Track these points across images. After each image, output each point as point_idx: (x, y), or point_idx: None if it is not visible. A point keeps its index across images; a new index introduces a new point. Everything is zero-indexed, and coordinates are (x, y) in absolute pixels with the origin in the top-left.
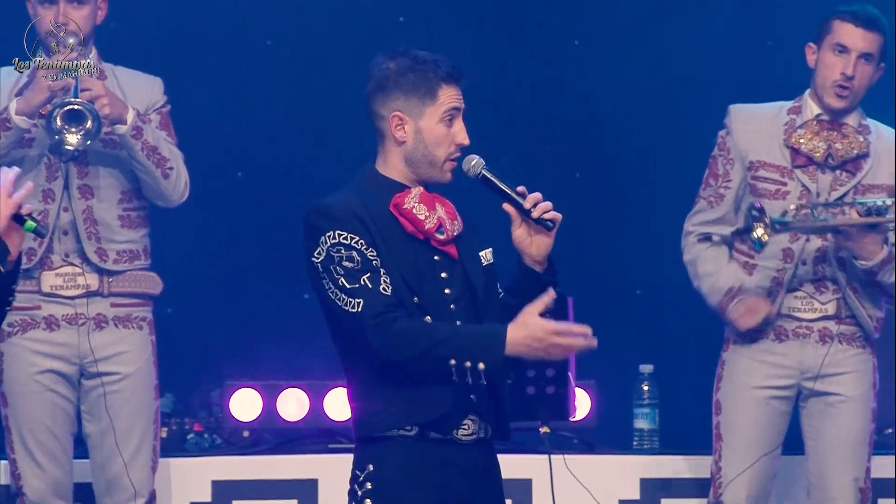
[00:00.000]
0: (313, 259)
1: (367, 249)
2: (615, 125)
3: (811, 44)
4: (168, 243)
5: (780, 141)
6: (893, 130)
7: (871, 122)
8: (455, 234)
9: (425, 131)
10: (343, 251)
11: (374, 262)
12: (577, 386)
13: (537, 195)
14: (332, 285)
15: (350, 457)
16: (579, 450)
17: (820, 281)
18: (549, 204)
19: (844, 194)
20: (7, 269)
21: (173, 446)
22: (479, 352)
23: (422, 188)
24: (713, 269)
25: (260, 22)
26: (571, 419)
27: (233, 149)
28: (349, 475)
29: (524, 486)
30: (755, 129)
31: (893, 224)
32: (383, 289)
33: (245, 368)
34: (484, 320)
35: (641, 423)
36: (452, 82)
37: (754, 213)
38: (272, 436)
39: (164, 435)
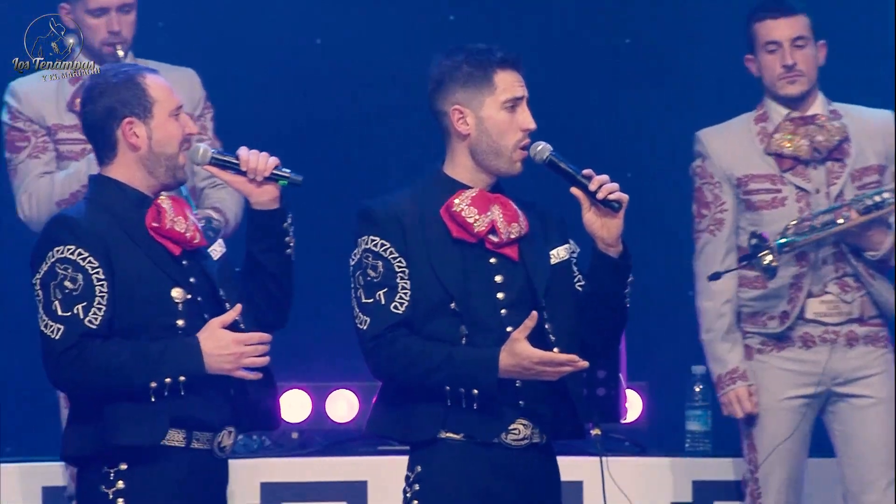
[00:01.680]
0: (350, 260)
1: (396, 259)
2: (667, 124)
3: (748, 55)
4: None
5: (760, 150)
6: (863, 108)
7: (839, 106)
8: (513, 236)
9: (487, 121)
10: (371, 259)
11: (400, 274)
12: (628, 387)
13: (603, 177)
14: (353, 294)
15: (399, 458)
16: (631, 452)
17: (843, 279)
18: (614, 185)
19: (843, 186)
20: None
21: None
22: (471, 379)
23: (479, 189)
24: (719, 337)
25: (308, 20)
26: (623, 421)
27: (282, 149)
28: (398, 477)
29: (575, 489)
30: (731, 147)
31: (894, 213)
32: (394, 307)
33: (294, 369)
34: (552, 322)
35: (694, 425)
36: (508, 67)
37: (756, 241)
38: (321, 437)
39: None
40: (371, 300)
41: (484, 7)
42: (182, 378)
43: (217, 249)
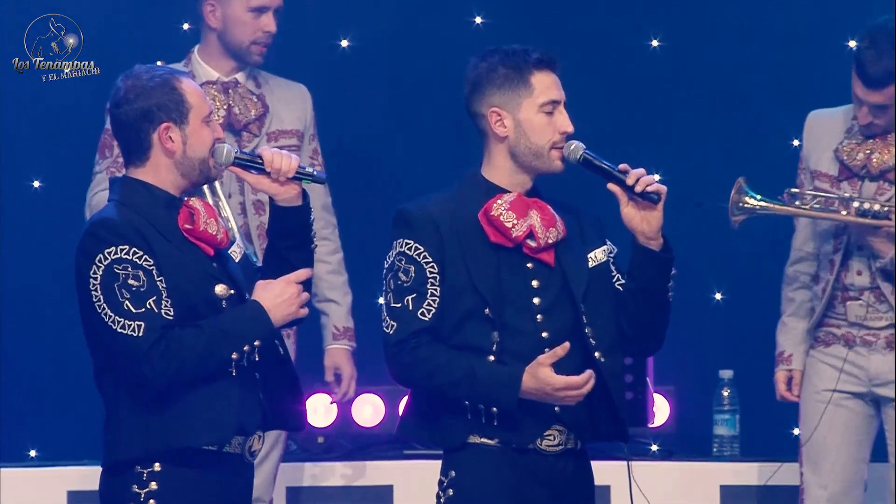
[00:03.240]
0: (385, 261)
1: (428, 264)
2: (695, 126)
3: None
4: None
5: (833, 149)
6: None
7: None
8: (550, 241)
9: (525, 123)
10: (404, 262)
11: (431, 279)
12: (655, 391)
13: (640, 170)
14: (383, 297)
15: (425, 463)
16: (658, 457)
17: (877, 289)
18: (652, 177)
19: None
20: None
21: None
22: (492, 397)
23: (518, 193)
24: (787, 317)
25: (334, 22)
26: (650, 425)
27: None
28: (424, 481)
29: (602, 493)
30: (819, 137)
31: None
32: (421, 313)
33: (320, 374)
34: (592, 326)
35: (721, 430)
36: (544, 68)
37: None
38: (347, 442)
39: None
40: (399, 305)
41: (510, 10)
42: (257, 343)
43: (236, 250)
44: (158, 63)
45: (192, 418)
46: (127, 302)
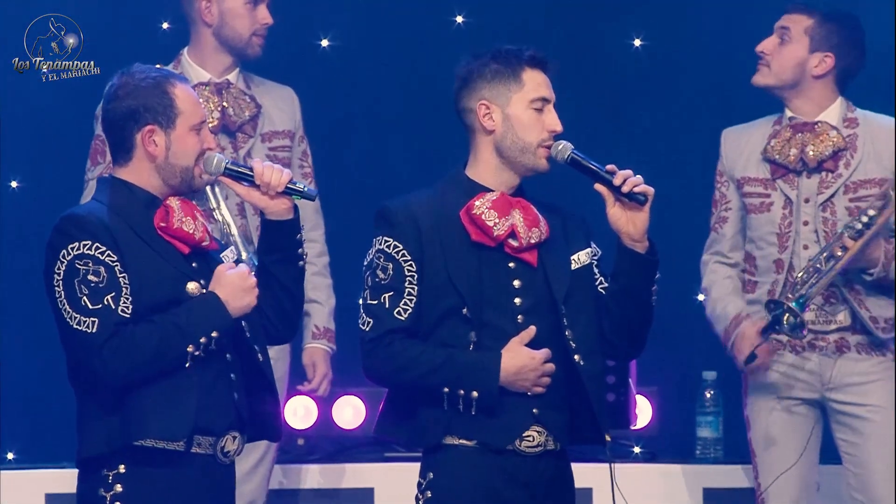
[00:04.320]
0: (364, 259)
1: (406, 262)
2: (678, 126)
3: None
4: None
5: (761, 154)
6: (893, 117)
7: (861, 114)
8: (533, 241)
9: (513, 118)
10: (383, 259)
11: (409, 278)
12: (638, 393)
13: (627, 171)
14: (362, 293)
15: (406, 465)
16: (641, 459)
17: (826, 291)
18: (639, 178)
19: (833, 194)
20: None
21: None
22: (472, 381)
23: (501, 192)
24: (723, 294)
25: (315, 22)
26: (633, 427)
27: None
28: (405, 484)
29: (585, 496)
30: (741, 148)
31: (891, 228)
32: (398, 312)
33: (301, 376)
34: (572, 329)
35: (705, 432)
36: (536, 66)
37: (771, 306)
38: (328, 444)
39: None
40: (376, 302)
41: (492, 9)
42: (215, 334)
43: (228, 256)
44: (157, 66)
45: (147, 415)
46: (84, 297)
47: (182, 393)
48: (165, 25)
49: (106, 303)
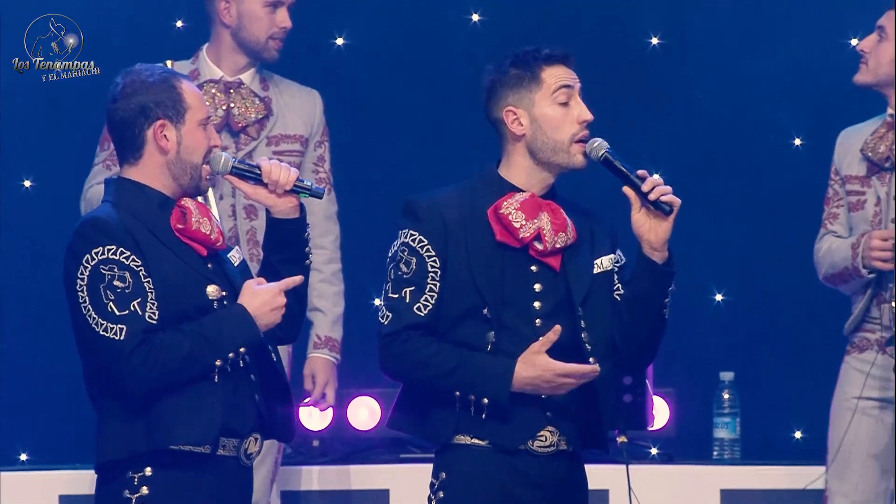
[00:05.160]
0: (388, 252)
1: (430, 258)
2: (696, 125)
3: None
4: None
5: (860, 150)
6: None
7: None
8: (558, 245)
9: (541, 118)
10: (406, 253)
11: (431, 274)
12: (655, 394)
13: (657, 178)
14: (384, 286)
15: (422, 466)
16: (657, 460)
17: None
18: (667, 188)
19: None
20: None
21: None
22: (484, 387)
23: (531, 193)
24: (843, 242)
25: (330, 20)
26: (649, 428)
27: None
28: (421, 485)
29: (601, 497)
30: (848, 146)
31: None
32: (417, 308)
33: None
34: (589, 332)
35: (722, 433)
36: (554, 62)
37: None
38: (342, 445)
39: None
40: (396, 296)
41: (508, 7)
42: (243, 350)
43: (235, 256)
44: (168, 63)
45: (172, 420)
46: (111, 304)
47: (207, 396)
48: (179, 24)
49: (133, 309)
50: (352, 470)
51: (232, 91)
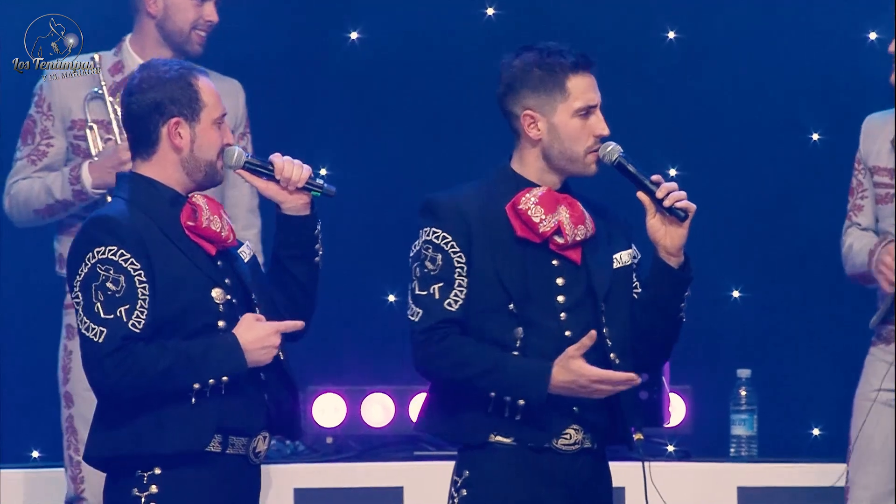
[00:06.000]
0: (410, 251)
1: (455, 254)
2: (713, 120)
3: None
4: None
5: (890, 141)
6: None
7: None
8: (578, 238)
9: (560, 127)
10: (431, 251)
11: (458, 269)
12: (671, 391)
13: (672, 184)
14: (410, 284)
15: (436, 464)
16: (674, 457)
17: None
18: (682, 193)
19: None
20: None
21: None
22: (520, 389)
23: (547, 187)
24: (866, 242)
25: (343, 15)
26: (666, 425)
27: (315, 147)
28: (435, 482)
29: (617, 495)
30: (877, 135)
31: None
32: (448, 303)
33: (328, 373)
34: (609, 326)
35: (739, 430)
36: (580, 71)
37: None
38: (356, 442)
39: None
40: (425, 293)
41: (523, 1)
42: (225, 378)
43: (245, 252)
44: (96, 56)
45: (163, 425)
46: (98, 304)
47: (203, 400)
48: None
49: (118, 314)
50: (366, 467)
51: None
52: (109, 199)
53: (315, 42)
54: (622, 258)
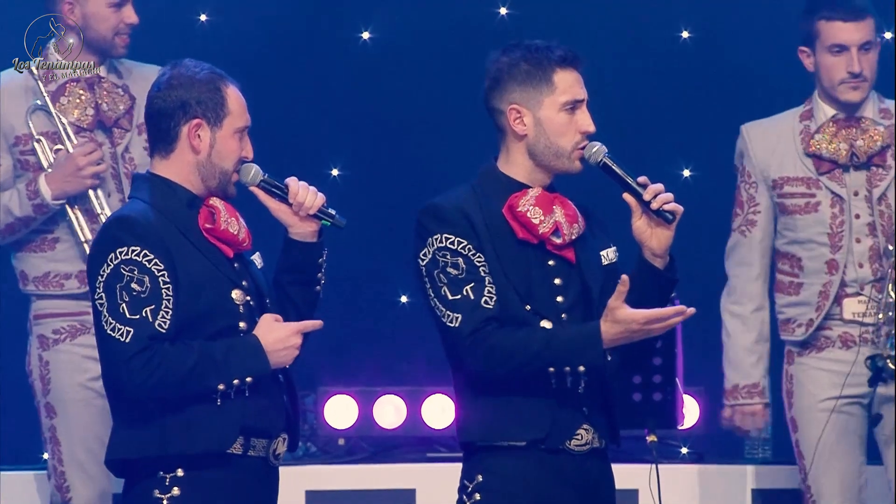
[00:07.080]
0: (419, 260)
1: (474, 255)
2: (724, 119)
3: (804, 48)
4: (259, 245)
5: (800, 151)
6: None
7: (891, 104)
8: (573, 237)
9: (546, 122)
10: (449, 256)
11: (482, 268)
12: (685, 392)
13: (658, 186)
14: (433, 293)
15: (449, 466)
16: (688, 459)
17: (879, 281)
18: (669, 195)
19: (886, 189)
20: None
21: None
22: (577, 357)
23: (541, 189)
24: (749, 365)
25: (355, 15)
26: (679, 427)
27: (326, 147)
28: (448, 484)
29: (630, 497)
30: (772, 145)
31: None
32: (485, 301)
33: (340, 374)
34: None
35: (753, 432)
36: (567, 66)
37: (870, 362)
38: (368, 444)
39: None
40: (459, 296)
41: (536, 1)
42: (249, 379)
43: (257, 260)
44: (25, 65)
45: (189, 426)
46: (124, 305)
47: (228, 401)
48: (203, 17)
49: (144, 314)
50: (378, 469)
51: (96, 87)
52: (73, 209)
53: (327, 42)
54: (609, 255)
